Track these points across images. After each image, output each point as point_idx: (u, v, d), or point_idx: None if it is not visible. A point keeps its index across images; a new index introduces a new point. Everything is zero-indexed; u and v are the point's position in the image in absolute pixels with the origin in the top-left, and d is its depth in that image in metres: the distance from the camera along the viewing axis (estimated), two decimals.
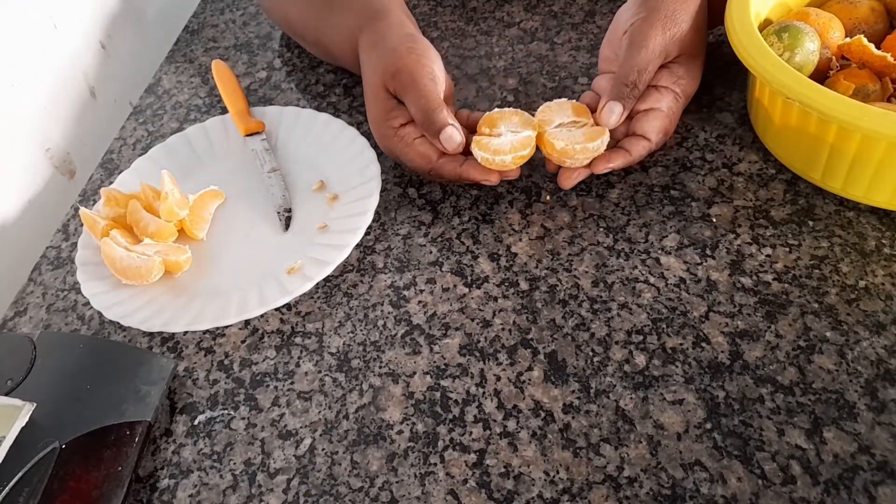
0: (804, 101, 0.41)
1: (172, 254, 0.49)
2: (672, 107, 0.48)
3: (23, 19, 0.61)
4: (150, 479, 0.41)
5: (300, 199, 0.54)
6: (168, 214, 0.50)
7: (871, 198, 0.45)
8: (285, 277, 0.47)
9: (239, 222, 0.53)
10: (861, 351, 0.40)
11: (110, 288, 0.48)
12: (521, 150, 0.46)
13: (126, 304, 0.47)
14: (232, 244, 0.52)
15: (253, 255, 0.50)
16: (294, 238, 0.51)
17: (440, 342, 0.44)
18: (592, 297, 0.45)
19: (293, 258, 0.49)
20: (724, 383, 0.40)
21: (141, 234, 0.50)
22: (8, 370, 0.43)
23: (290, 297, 0.45)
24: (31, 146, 0.61)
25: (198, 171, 0.57)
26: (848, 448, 0.36)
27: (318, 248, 0.49)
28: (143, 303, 0.47)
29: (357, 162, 0.53)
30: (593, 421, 0.39)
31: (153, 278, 0.48)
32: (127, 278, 0.48)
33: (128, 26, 0.75)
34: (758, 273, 0.44)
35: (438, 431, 0.40)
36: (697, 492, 0.36)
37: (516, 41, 0.65)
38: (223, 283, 0.49)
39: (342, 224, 0.50)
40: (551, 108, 0.49)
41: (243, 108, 0.60)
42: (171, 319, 0.46)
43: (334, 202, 0.52)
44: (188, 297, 0.48)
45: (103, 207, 0.51)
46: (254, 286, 0.47)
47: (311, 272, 0.47)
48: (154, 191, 0.52)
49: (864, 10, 0.49)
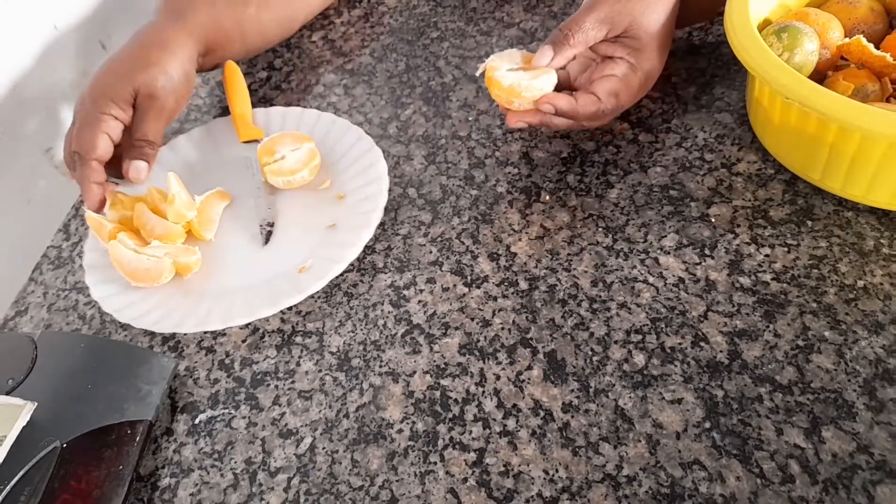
0: (803, 102, 0.41)
1: (182, 255, 0.49)
2: (627, 74, 0.49)
3: (23, 19, 0.61)
4: (151, 478, 0.41)
5: (307, 199, 0.54)
6: (176, 217, 0.50)
7: (870, 198, 0.45)
8: (297, 276, 0.47)
9: (246, 223, 0.53)
10: (860, 350, 0.40)
11: (120, 290, 0.48)
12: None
13: (137, 306, 0.47)
14: (241, 245, 0.52)
15: (262, 255, 0.51)
16: (304, 237, 0.51)
17: (440, 341, 0.44)
18: (592, 296, 0.45)
19: (304, 257, 0.49)
20: (722, 383, 0.40)
21: (148, 236, 0.50)
22: (9, 369, 0.43)
23: (303, 295, 0.46)
24: (31, 146, 0.61)
25: (203, 173, 0.57)
26: (846, 447, 0.36)
27: (328, 247, 0.49)
28: (154, 304, 0.47)
29: (363, 161, 0.53)
30: (592, 420, 0.39)
31: (164, 280, 0.48)
32: (137, 280, 0.48)
33: (128, 26, 0.75)
34: (756, 273, 0.44)
35: (438, 430, 0.40)
36: (696, 491, 0.36)
37: (516, 41, 0.65)
38: (233, 284, 0.49)
39: (351, 221, 0.50)
40: (501, 56, 0.50)
41: (246, 112, 0.60)
42: (182, 320, 0.46)
43: (341, 201, 0.52)
44: (198, 298, 0.48)
45: (109, 210, 0.51)
46: (265, 285, 0.48)
47: (323, 270, 0.47)
48: (161, 193, 0.52)
49: (864, 10, 0.50)
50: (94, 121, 0.50)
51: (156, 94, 0.53)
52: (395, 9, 0.72)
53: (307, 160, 0.53)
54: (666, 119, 0.54)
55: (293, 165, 0.52)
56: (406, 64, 0.65)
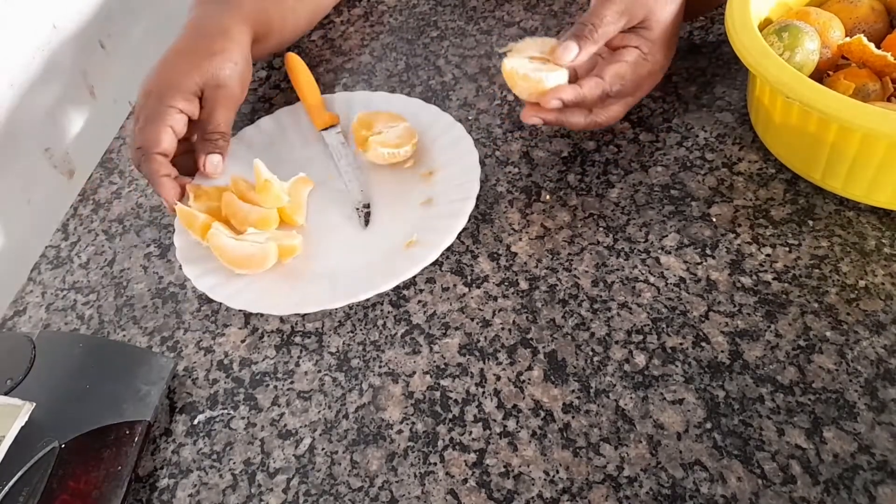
0: (804, 101, 0.41)
1: (284, 239, 0.49)
2: (637, 61, 0.48)
3: (23, 19, 0.61)
4: (150, 478, 0.41)
5: (396, 178, 0.54)
6: (273, 201, 0.50)
7: (871, 197, 0.45)
8: (406, 251, 0.48)
9: (335, 206, 0.53)
10: (861, 350, 0.40)
11: (224, 279, 0.48)
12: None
13: (246, 293, 0.47)
14: (337, 226, 0.52)
15: (363, 235, 0.51)
16: (402, 214, 0.51)
17: (440, 342, 0.44)
18: (592, 296, 0.45)
19: (408, 233, 0.49)
20: (723, 383, 0.40)
21: (241, 224, 0.50)
22: (7, 369, 0.43)
23: (418, 267, 0.46)
24: (31, 146, 0.61)
25: (277, 161, 0.56)
26: (848, 448, 0.36)
27: (431, 220, 0.49)
28: (265, 288, 0.47)
29: (447, 137, 0.54)
30: (593, 420, 0.39)
31: (268, 264, 0.48)
32: (241, 267, 0.47)
33: (128, 26, 0.75)
34: (758, 273, 0.44)
35: (438, 431, 0.40)
36: (697, 491, 0.36)
37: (516, 40, 0.64)
38: (340, 264, 0.49)
39: (449, 195, 0.50)
40: (535, 41, 0.49)
41: (318, 101, 0.59)
42: (303, 300, 0.46)
43: (430, 177, 0.53)
44: (310, 279, 0.48)
45: (193, 203, 0.51)
46: (377, 263, 0.48)
47: (433, 241, 0.47)
48: (246, 182, 0.52)
49: (865, 9, 0.49)
50: (159, 115, 0.50)
51: (224, 83, 0.52)
52: (394, 8, 0.72)
53: (408, 137, 0.53)
54: (667, 118, 0.54)
55: (395, 140, 0.53)
56: (406, 63, 0.65)
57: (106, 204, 0.59)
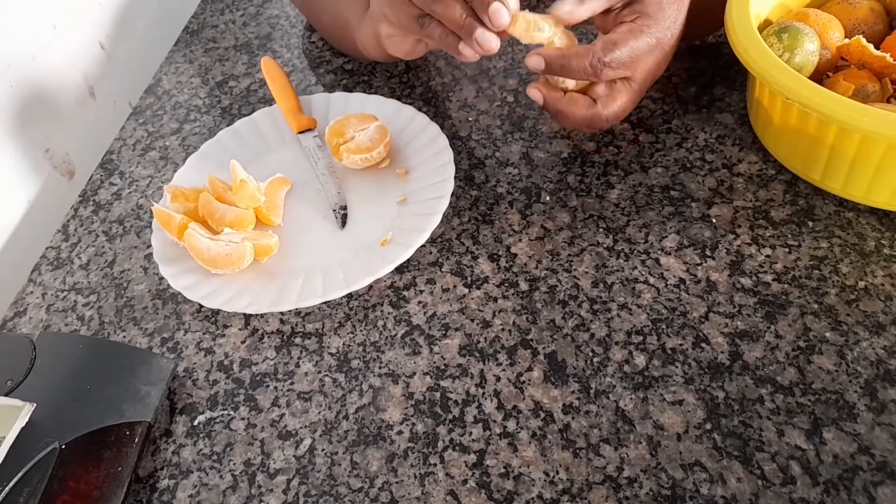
0: (804, 102, 0.41)
1: (260, 239, 0.49)
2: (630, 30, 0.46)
3: (23, 19, 0.61)
4: (150, 479, 0.41)
5: (371, 178, 0.54)
6: (249, 201, 0.51)
7: (870, 198, 0.45)
8: (381, 249, 0.48)
9: (312, 206, 0.54)
10: (861, 351, 0.40)
11: (201, 279, 0.48)
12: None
13: (221, 293, 0.47)
14: (313, 226, 0.52)
15: (340, 234, 0.51)
16: (378, 213, 0.52)
17: (440, 343, 0.44)
18: (592, 297, 0.45)
19: (383, 230, 0.50)
20: (723, 384, 0.40)
21: (218, 224, 0.50)
22: (8, 371, 0.43)
23: (392, 265, 0.46)
24: (31, 146, 0.61)
25: (254, 163, 0.57)
26: (848, 448, 0.36)
27: (406, 219, 0.50)
28: (240, 288, 0.48)
29: (423, 136, 0.55)
30: (593, 421, 0.39)
31: (244, 264, 0.48)
32: (217, 267, 0.48)
33: (128, 26, 0.75)
34: (757, 273, 0.44)
35: (438, 432, 0.40)
36: (697, 492, 0.36)
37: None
38: (316, 263, 0.49)
39: (424, 193, 0.51)
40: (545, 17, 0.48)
41: (295, 104, 0.60)
42: (279, 298, 0.46)
43: (406, 176, 0.53)
44: (287, 277, 0.48)
45: (171, 204, 0.51)
46: (351, 261, 0.48)
47: (406, 240, 0.48)
48: (223, 183, 0.52)
49: (864, 10, 0.49)
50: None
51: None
52: None
53: (380, 137, 0.53)
54: (666, 119, 0.54)
55: (367, 143, 0.53)
56: (406, 64, 0.65)
57: (106, 205, 0.59)
